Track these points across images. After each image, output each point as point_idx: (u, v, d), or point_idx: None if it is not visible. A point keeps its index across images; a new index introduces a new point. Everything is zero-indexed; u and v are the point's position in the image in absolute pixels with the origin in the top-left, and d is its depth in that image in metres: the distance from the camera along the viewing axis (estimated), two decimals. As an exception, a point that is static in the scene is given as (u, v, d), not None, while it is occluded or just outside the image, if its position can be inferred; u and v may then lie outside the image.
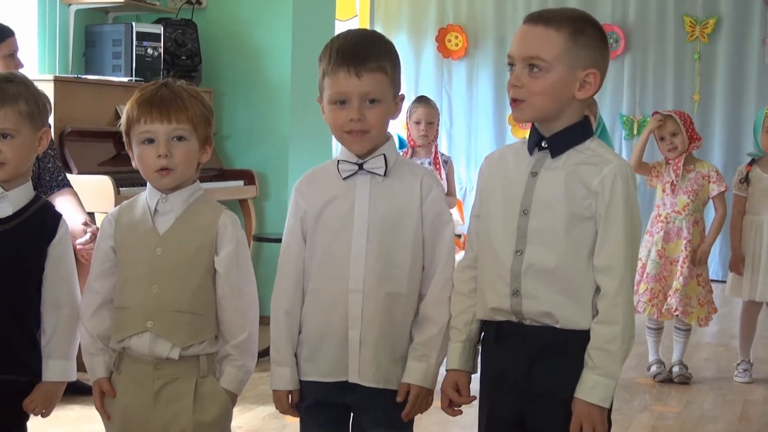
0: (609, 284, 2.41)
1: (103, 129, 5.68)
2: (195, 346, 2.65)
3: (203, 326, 2.66)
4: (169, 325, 2.63)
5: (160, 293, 2.64)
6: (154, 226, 2.67)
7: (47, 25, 6.09)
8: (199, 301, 2.66)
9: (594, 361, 2.39)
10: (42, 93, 2.88)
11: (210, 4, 6.82)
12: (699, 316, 5.48)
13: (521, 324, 2.48)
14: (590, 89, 2.47)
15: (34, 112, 2.79)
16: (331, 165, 2.68)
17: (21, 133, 2.76)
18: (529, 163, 2.52)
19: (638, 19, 9.48)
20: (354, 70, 2.55)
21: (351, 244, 2.60)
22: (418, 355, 2.62)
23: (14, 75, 2.92)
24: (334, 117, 2.59)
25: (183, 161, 2.64)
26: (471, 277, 2.60)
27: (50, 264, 2.80)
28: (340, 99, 2.57)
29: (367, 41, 2.62)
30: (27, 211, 2.80)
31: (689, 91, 9.36)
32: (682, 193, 5.49)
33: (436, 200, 2.65)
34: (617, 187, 2.41)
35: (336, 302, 2.61)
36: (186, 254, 2.65)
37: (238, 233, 2.68)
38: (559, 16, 2.47)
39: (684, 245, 5.45)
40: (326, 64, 2.58)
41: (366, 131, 2.58)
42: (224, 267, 2.65)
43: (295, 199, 2.69)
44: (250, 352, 2.69)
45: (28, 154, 2.81)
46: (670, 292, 5.43)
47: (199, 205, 2.71)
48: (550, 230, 2.44)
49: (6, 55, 4.66)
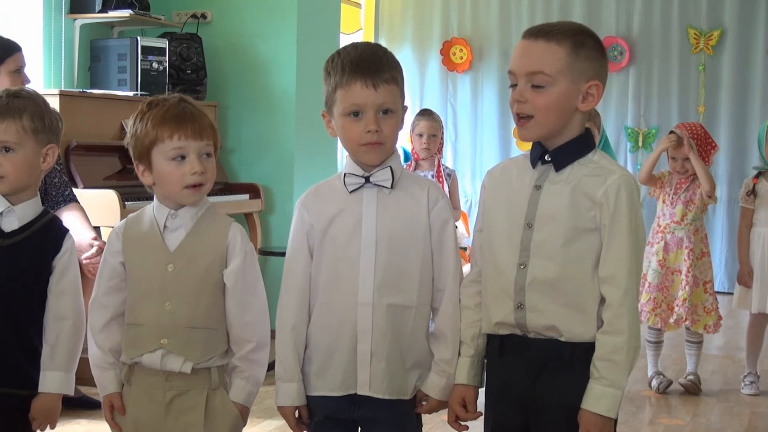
0: (614, 294, 2.41)
1: (108, 143, 5.69)
2: (208, 360, 2.65)
3: (217, 340, 2.67)
4: (183, 341, 2.63)
5: (173, 310, 2.63)
6: (164, 243, 2.67)
7: (53, 39, 6.11)
8: (212, 316, 2.66)
9: (600, 372, 2.39)
10: (53, 111, 2.87)
11: (215, 18, 6.83)
12: (706, 323, 5.47)
13: (525, 337, 2.48)
14: (593, 101, 2.48)
15: (38, 128, 2.79)
16: (336, 179, 2.69)
17: (23, 147, 2.76)
18: (533, 176, 2.52)
19: (643, 31, 9.48)
20: (371, 82, 2.54)
21: (359, 257, 2.60)
22: (440, 370, 2.64)
23: (24, 90, 2.91)
24: (349, 130, 2.58)
25: (212, 177, 2.66)
26: (476, 292, 2.61)
27: (55, 277, 2.80)
28: (354, 111, 2.56)
29: (378, 53, 2.63)
30: (33, 226, 2.81)
31: (694, 102, 9.36)
32: (680, 204, 5.49)
33: (442, 211, 2.65)
34: (621, 197, 2.41)
35: (346, 316, 2.60)
36: (198, 270, 2.65)
37: (246, 245, 2.68)
38: (559, 30, 2.47)
39: (686, 254, 5.45)
40: (339, 76, 2.57)
41: (382, 143, 2.58)
42: (232, 280, 2.65)
43: (299, 214, 2.68)
44: (257, 363, 2.68)
45: (30, 169, 2.80)
46: (677, 302, 5.41)
47: (208, 218, 2.70)
48: (554, 243, 2.44)
49: (12, 71, 4.64)
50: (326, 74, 2.62)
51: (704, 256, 5.53)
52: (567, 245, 2.43)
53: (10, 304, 2.75)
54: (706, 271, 5.52)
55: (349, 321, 2.60)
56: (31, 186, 2.84)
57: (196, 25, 6.82)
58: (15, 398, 2.76)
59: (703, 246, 5.54)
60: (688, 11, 9.35)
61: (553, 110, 2.45)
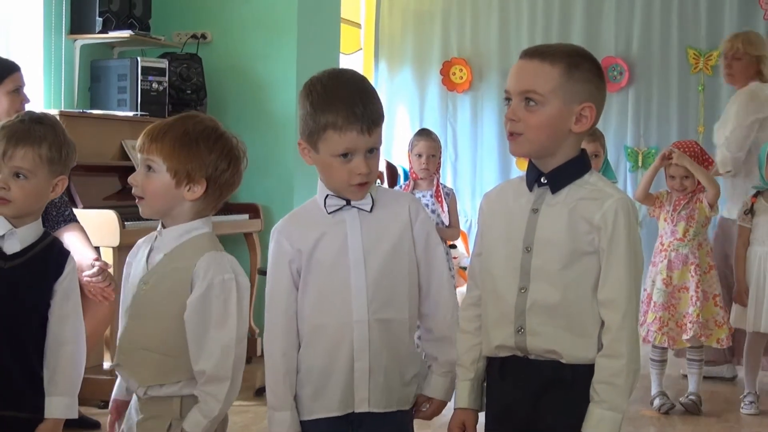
0: (613, 318, 2.41)
1: (108, 163, 5.70)
2: (168, 387, 2.61)
3: (173, 367, 2.61)
4: (134, 362, 2.62)
5: (132, 329, 2.64)
6: (146, 261, 2.67)
7: (53, 59, 6.12)
8: (169, 342, 2.61)
9: (600, 395, 2.39)
10: (70, 141, 2.87)
11: (215, 38, 6.85)
12: (719, 337, 5.47)
13: (526, 359, 2.48)
14: (586, 123, 2.47)
15: (54, 158, 2.79)
16: (310, 204, 2.70)
17: (36, 176, 2.77)
18: (529, 199, 2.52)
19: (642, 51, 9.49)
20: (367, 128, 2.55)
21: (349, 276, 2.61)
22: (444, 371, 2.68)
23: (47, 117, 2.91)
24: (338, 170, 2.58)
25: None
26: (475, 315, 2.61)
27: (56, 301, 2.80)
28: (345, 153, 2.57)
29: (369, 91, 2.63)
30: (35, 248, 2.81)
31: (694, 122, 9.36)
32: (681, 221, 5.49)
33: (425, 223, 2.69)
34: (619, 221, 2.42)
35: (341, 336, 2.61)
36: (162, 292, 2.63)
37: (214, 277, 2.59)
38: (555, 51, 2.48)
39: (693, 270, 5.44)
40: (333, 116, 2.55)
41: (370, 182, 2.61)
42: (189, 310, 2.59)
43: (278, 243, 2.66)
44: (211, 396, 2.59)
45: (39, 197, 2.81)
46: (690, 319, 5.39)
47: (188, 245, 2.65)
48: (553, 267, 2.45)
49: (11, 91, 4.62)
50: (311, 106, 2.59)
51: (711, 270, 5.54)
52: (566, 269, 2.44)
53: (10, 326, 2.75)
54: (714, 284, 5.53)
55: (345, 340, 2.60)
56: (36, 212, 2.84)
57: (196, 45, 6.83)
58: (15, 421, 2.76)
59: (709, 260, 5.55)
60: (688, 31, 9.36)
61: (544, 129, 2.45)
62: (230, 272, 2.62)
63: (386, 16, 10.24)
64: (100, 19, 6.17)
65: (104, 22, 6.19)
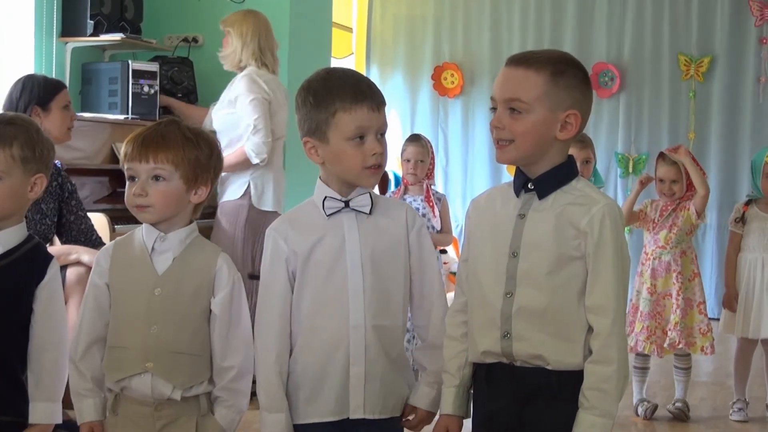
0: (602, 324, 2.41)
1: (98, 166, 5.69)
2: (196, 387, 2.64)
3: (202, 366, 2.65)
4: (169, 366, 2.62)
5: (159, 334, 2.62)
6: (152, 266, 2.66)
7: (44, 62, 6.11)
8: (197, 342, 2.65)
9: (590, 401, 2.39)
10: (45, 139, 2.85)
11: (206, 42, 6.84)
12: (702, 345, 5.45)
13: (512, 365, 2.48)
14: (572, 130, 2.47)
15: (28, 157, 2.77)
16: (308, 206, 2.69)
17: (11, 176, 2.75)
18: (516, 205, 2.52)
19: (633, 57, 9.51)
20: (375, 105, 2.57)
21: (347, 280, 2.60)
22: (430, 381, 2.67)
23: (19, 118, 2.90)
24: (353, 154, 2.57)
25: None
26: (462, 321, 2.61)
27: (39, 306, 2.78)
28: (360, 134, 2.57)
29: (368, 79, 2.68)
30: (17, 252, 2.79)
31: (684, 129, 9.38)
32: (663, 229, 5.50)
33: (421, 231, 2.69)
34: (606, 226, 2.42)
35: (337, 339, 2.60)
36: (185, 295, 2.64)
37: (234, 275, 2.68)
38: (540, 58, 2.48)
39: (675, 277, 5.44)
40: (341, 100, 2.56)
41: (383, 165, 2.62)
42: (219, 309, 2.64)
43: (274, 242, 2.65)
44: (239, 392, 2.68)
45: (16, 198, 2.78)
46: (669, 326, 5.39)
47: (196, 246, 2.70)
48: (539, 272, 2.44)
49: (62, 107, 4.70)
50: (313, 100, 2.61)
51: (695, 278, 5.53)
52: (552, 273, 2.43)
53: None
54: (698, 292, 5.52)
55: (341, 344, 2.60)
56: (17, 213, 2.82)
57: (187, 48, 6.83)
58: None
59: (693, 267, 5.54)
60: (679, 38, 9.38)
61: (529, 136, 2.45)
62: (238, 271, 2.72)
63: (378, 20, 10.26)
64: (91, 22, 6.16)
65: (95, 25, 6.18)
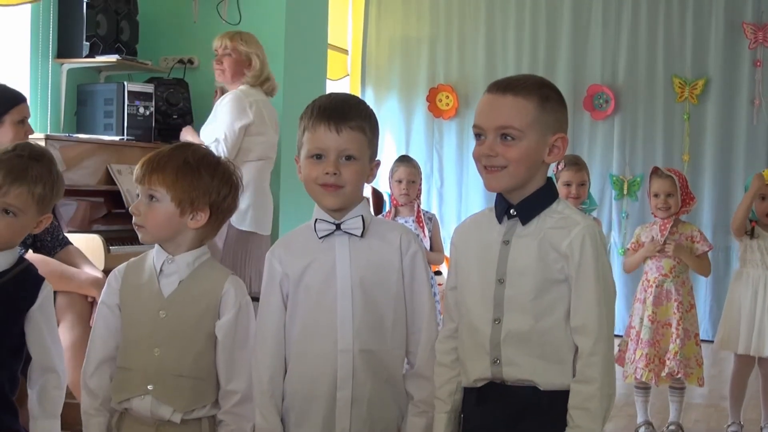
0: (585, 343, 2.43)
1: (94, 188, 5.68)
2: (198, 410, 2.64)
3: (205, 390, 2.66)
4: (170, 389, 2.62)
5: (161, 357, 2.63)
6: (159, 288, 2.66)
7: (39, 83, 6.12)
8: (201, 366, 2.65)
9: (575, 421, 2.41)
10: (60, 178, 2.86)
11: (202, 63, 6.85)
12: (699, 376, 5.44)
13: (503, 385, 2.49)
14: (558, 153, 2.51)
15: (46, 197, 2.79)
16: (305, 229, 2.71)
17: (26, 214, 2.76)
18: (500, 231, 2.54)
19: (628, 79, 9.53)
20: (334, 126, 2.59)
21: (336, 304, 2.61)
22: (419, 411, 2.66)
23: (45, 156, 2.88)
24: (309, 171, 2.63)
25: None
26: (452, 348, 2.62)
27: (34, 329, 2.79)
28: (317, 153, 2.61)
29: (349, 102, 2.68)
30: (7, 275, 2.79)
31: (679, 151, 9.40)
32: (667, 257, 5.48)
33: (415, 257, 2.69)
34: (586, 247, 2.44)
35: (324, 363, 2.61)
36: (189, 318, 2.65)
37: (242, 299, 2.68)
38: (526, 85, 2.51)
39: (676, 307, 5.42)
40: (307, 120, 2.64)
41: (340, 186, 2.61)
42: (223, 333, 2.65)
43: (270, 264, 2.69)
44: (242, 417, 2.67)
45: (23, 234, 2.82)
46: (668, 355, 5.37)
47: (205, 269, 2.71)
48: (526, 297, 2.46)
49: (17, 121, 4.50)
50: (300, 120, 2.68)
51: (692, 309, 5.52)
52: (538, 298, 2.45)
53: None
54: (695, 323, 5.52)
55: (328, 368, 2.60)
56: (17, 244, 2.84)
57: (183, 70, 6.84)
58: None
59: (690, 298, 5.53)
60: (673, 60, 9.41)
61: (522, 162, 2.47)
62: (247, 295, 2.72)
63: (373, 42, 10.28)
64: (87, 44, 6.17)
65: (91, 46, 6.19)
